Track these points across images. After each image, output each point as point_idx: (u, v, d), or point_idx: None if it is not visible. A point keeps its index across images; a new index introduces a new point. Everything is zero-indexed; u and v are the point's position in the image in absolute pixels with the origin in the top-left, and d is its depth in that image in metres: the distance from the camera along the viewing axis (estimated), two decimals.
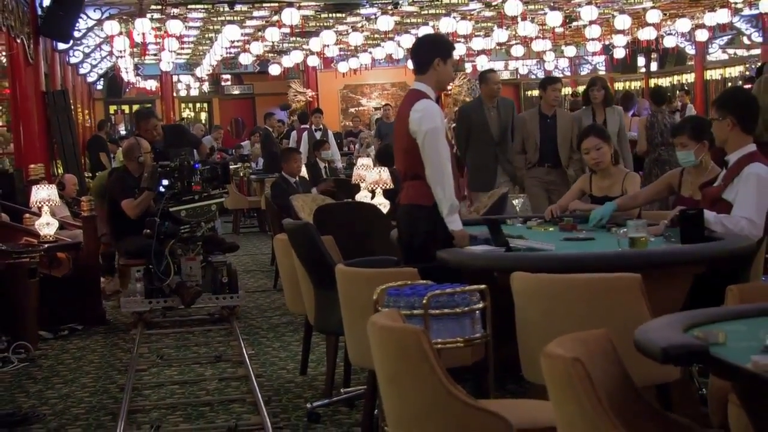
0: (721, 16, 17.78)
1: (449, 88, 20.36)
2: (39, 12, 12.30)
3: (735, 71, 22.03)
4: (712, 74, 23.01)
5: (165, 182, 7.54)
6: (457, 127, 9.17)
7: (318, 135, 14.89)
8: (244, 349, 6.68)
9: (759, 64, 14.36)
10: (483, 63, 23.47)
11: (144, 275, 7.74)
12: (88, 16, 15.26)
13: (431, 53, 5.01)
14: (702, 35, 20.60)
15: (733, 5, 16.67)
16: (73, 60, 17.69)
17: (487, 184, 8.46)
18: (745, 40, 22.13)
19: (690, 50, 23.22)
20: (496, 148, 8.65)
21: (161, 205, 7.51)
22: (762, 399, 2.55)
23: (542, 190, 8.27)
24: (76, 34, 14.85)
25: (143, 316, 7.77)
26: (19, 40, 11.31)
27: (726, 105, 4.86)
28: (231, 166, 11.67)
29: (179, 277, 7.65)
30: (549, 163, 8.29)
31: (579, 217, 5.66)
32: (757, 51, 21.15)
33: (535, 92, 28.66)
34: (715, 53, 23.14)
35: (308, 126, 15.63)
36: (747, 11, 18.87)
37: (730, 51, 23.09)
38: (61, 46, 14.89)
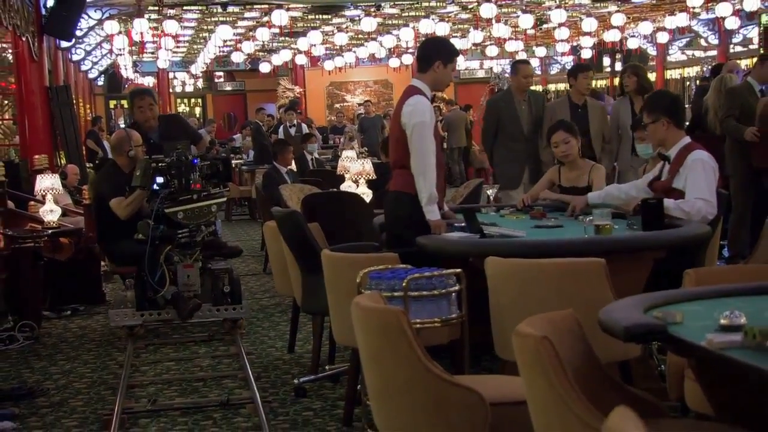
0: (681, 19, 17.87)
1: None
2: (43, 12, 12.22)
3: (693, 71, 22.10)
4: (672, 74, 23.08)
5: (159, 180, 6.27)
6: (485, 120, 8.06)
7: (292, 131, 14.99)
8: None
9: (715, 64, 14.41)
10: (460, 62, 23.47)
11: (135, 284, 6.48)
12: (90, 16, 15.19)
13: (433, 55, 5.00)
14: (663, 37, 20.70)
15: (691, 10, 16.74)
16: (75, 57, 17.60)
17: (516, 182, 7.41)
18: (703, 42, 22.24)
19: (651, 51, 23.30)
20: (526, 145, 7.60)
21: (156, 206, 6.25)
22: (715, 374, 2.57)
23: None
24: (78, 33, 14.78)
25: (134, 331, 6.44)
26: (24, 39, 11.24)
27: (657, 108, 4.95)
28: None
29: (175, 287, 6.37)
30: (582, 155, 7.03)
31: (549, 206, 5.68)
32: (713, 52, 21.24)
33: None
34: (675, 54, 23.22)
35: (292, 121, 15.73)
36: (704, 15, 18.95)
37: (689, 52, 23.17)
38: (64, 44, 14.80)
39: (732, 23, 17.62)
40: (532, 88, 8.21)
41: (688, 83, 21.64)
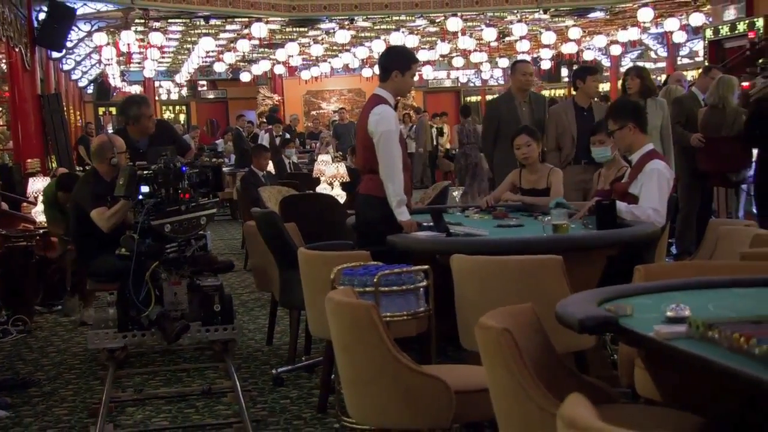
0: (632, 33, 18.05)
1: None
2: (35, 24, 12.13)
3: None
4: None
5: (145, 189, 5.35)
6: (484, 121, 7.37)
7: (278, 140, 15.10)
8: None
9: (664, 76, 14.54)
10: (428, 72, 23.54)
11: (117, 303, 5.54)
12: (79, 28, 15.07)
13: (390, 66, 4.97)
14: (616, 50, 20.86)
15: (642, 24, 16.89)
16: (65, 67, 17.44)
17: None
18: (653, 55, 22.45)
19: (606, 62, 23.48)
20: None
21: (141, 218, 5.32)
22: (663, 363, 2.59)
23: (577, 191, 6.52)
24: (69, 44, 14.65)
25: (115, 354, 5.54)
26: (17, 49, 11.14)
27: (622, 114, 4.94)
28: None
29: (161, 306, 5.48)
30: (587, 159, 6.36)
31: (510, 206, 5.69)
32: (662, 64, 21.45)
33: (474, 98, 28.56)
34: (627, 65, 23.40)
35: (270, 128, 15.75)
36: (654, 30, 19.13)
37: (640, 64, 23.37)
38: (55, 54, 14.66)
39: (679, 37, 17.83)
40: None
41: None
